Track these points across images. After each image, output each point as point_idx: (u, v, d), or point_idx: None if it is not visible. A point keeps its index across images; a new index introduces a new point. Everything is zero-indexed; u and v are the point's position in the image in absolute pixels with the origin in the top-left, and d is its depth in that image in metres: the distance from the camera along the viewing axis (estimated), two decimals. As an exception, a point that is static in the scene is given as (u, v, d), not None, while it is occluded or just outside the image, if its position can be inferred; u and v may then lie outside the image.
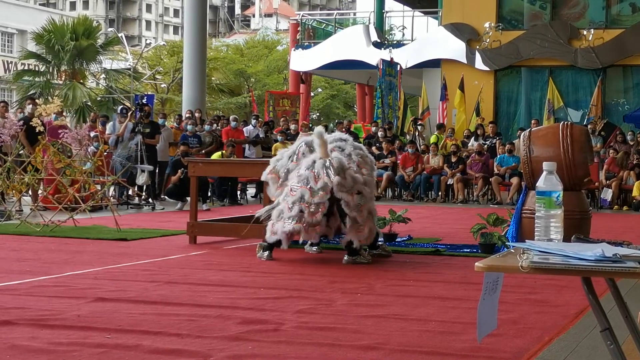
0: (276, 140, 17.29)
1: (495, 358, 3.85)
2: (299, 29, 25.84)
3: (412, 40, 24.53)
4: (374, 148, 17.54)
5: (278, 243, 7.15)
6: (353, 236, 7.00)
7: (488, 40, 21.37)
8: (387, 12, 27.96)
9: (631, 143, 17.55)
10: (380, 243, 7.65)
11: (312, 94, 33.23)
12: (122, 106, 18.12)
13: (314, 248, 7.81)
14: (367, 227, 7.01)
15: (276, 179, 7.36)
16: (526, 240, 2.39)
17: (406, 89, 22.81)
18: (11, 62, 43.72)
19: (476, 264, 2.19)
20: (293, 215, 6.95)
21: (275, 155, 15.91)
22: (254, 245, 7.89)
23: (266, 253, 7.30)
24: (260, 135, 17.69)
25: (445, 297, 5.49)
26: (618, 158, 16.31)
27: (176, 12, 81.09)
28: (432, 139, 18.89)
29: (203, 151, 15.78)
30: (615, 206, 16.03)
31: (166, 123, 17.54)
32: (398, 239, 8.69)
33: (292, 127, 18.27)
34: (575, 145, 7.26)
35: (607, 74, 20.81)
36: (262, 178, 7.57)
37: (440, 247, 8.29)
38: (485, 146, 17.70)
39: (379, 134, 18.67)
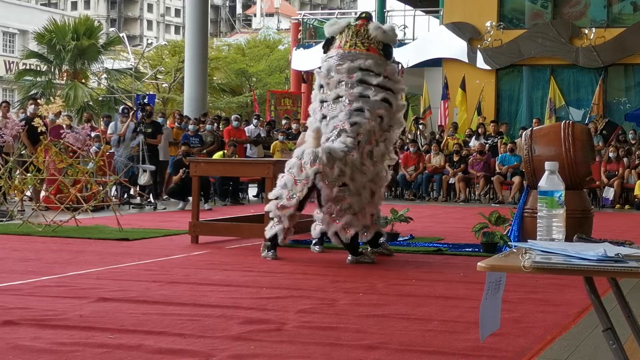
0: (276, 139, 17.30)
1: (498, 357, 3.85)
2: (301, 28, 25.81)
3: (413, 39, 24.49)
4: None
5: (275, 237, 7.13)
6: (326, 226, 6.99)
7: (489, 39, 21.34)
8: (388, 11, 27.91)
9: (633, 142, 17.53)
10: (381, 242, 7.64)
11: (313, 94, 33.15)
12: (123, 106, 18.14)
13: (317, 247, 7.81)
14: (343, 220, 6.89)
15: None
16: (528, 240, 2.39)
17: (407, 88, 22.76)
18: (13, 62, 43.74)
19: (479, 263, 2.18)
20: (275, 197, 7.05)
21: (274, 154, 15.69)
22: (256, 244, 7.89)
23: (270, 252, 7.25)
24: (262, 135, 17.70)
25: (447, 296, 5.49)
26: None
27: (177, 12, 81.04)
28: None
29: (204, 151, 15.78)
30: (617, 205, 16.01)
31: (166, 122, 17.56)
32: (400, 239, 8.68)
33: (294, 126, 18.26)
34: (577, 144, 7.26)
35: (608, 72, 20.78)
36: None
37: (442, 246, 8.28)
38: (487, 145, 17.69)
39: None
